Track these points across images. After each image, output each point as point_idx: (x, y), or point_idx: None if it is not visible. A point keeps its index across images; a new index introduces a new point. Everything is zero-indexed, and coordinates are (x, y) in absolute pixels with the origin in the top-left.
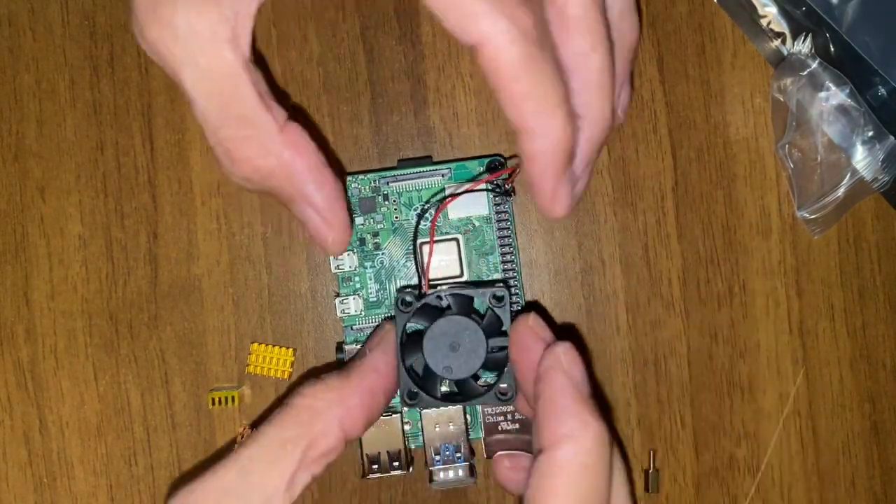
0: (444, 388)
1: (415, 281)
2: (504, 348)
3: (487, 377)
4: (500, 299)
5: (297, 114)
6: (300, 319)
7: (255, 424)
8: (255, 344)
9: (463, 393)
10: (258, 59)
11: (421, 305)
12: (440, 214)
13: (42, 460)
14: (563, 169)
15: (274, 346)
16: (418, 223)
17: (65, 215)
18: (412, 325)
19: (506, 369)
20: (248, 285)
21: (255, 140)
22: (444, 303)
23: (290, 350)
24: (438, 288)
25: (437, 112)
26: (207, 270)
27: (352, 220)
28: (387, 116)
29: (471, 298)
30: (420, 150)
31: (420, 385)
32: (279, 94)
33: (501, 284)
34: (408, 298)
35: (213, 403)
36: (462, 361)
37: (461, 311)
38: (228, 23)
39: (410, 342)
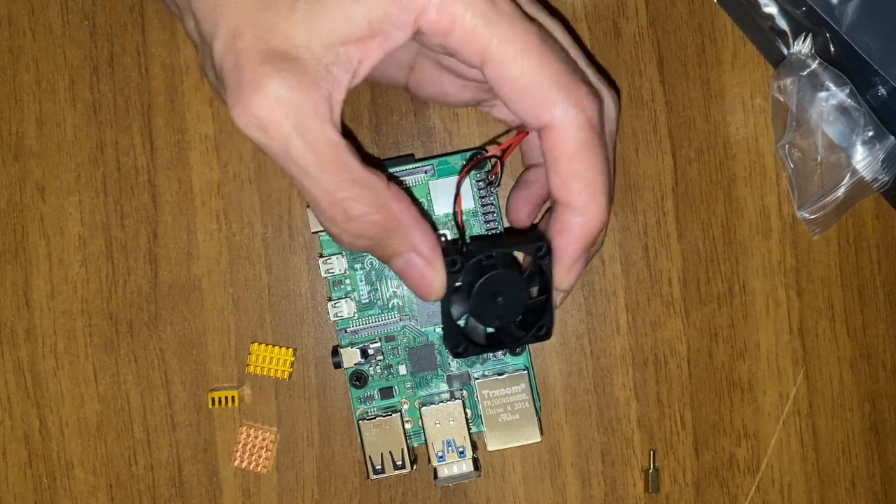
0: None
1: None
2: (543, 294)
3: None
4: (542, 255)
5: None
6: (300, 319)
7: (255, 424)
8: (255, 344)
9: (504, 339)
10: (346, 133)
11: (468, 264)
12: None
13: (42, 460)
14: (588, 247)
15: (274, 346)
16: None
17: (65, 215)
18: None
19: (546, 312)
20: (248, 285)
21: (369, 197)
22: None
23: (290, 350)
24: (480, 245)
25: (437, 112)
26: (207, 270)
27: None
28: (387, 116)
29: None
30: (420, 149)
31: (465, 336)
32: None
33: (541, 239)
34: (456, 261)
35: (213, 403)
36: (506, 311)
37: (503, 265)
38: (327, 101)
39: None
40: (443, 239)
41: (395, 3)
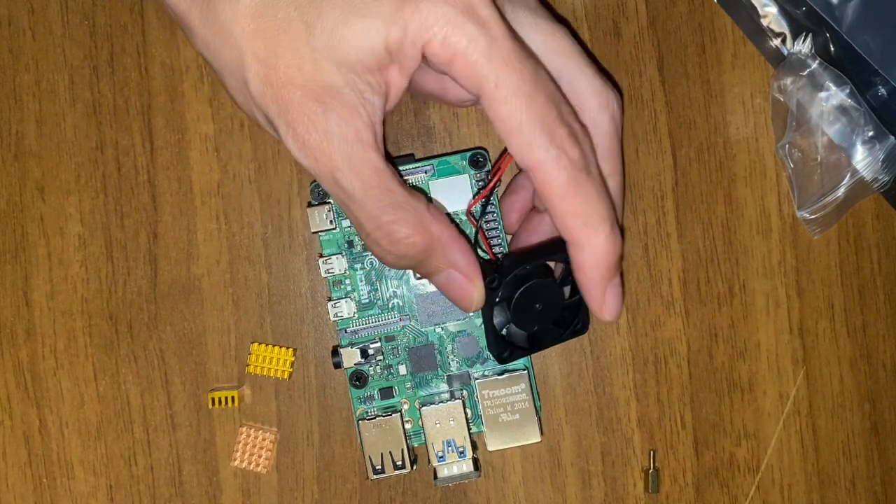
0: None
1: (406, 278)
2: (576, 294)
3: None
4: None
5: None
6: (300, 319)
7: (255, 425)
8: (255, 344)
9: (545, 338)
10: (388, 157)
11: (506, 281)
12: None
13: (42, 460)
14: (608, 277)
15: (274, 346)
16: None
17: (64, 215)
18: None
19: (581, 310)
20: (248, 285)
21: (411, 220)
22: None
23: (290, 350)
24: (513, 260)
25: (437, 112)
26: (207, 270)
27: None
28: (387, 116)
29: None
30: (420, 149)
31: (507, 342)
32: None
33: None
34: (494, 279)
35: (213, 403)
36: (544, 315)
37: (537, 274)
38: (369, 128)
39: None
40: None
41: (405, 33)
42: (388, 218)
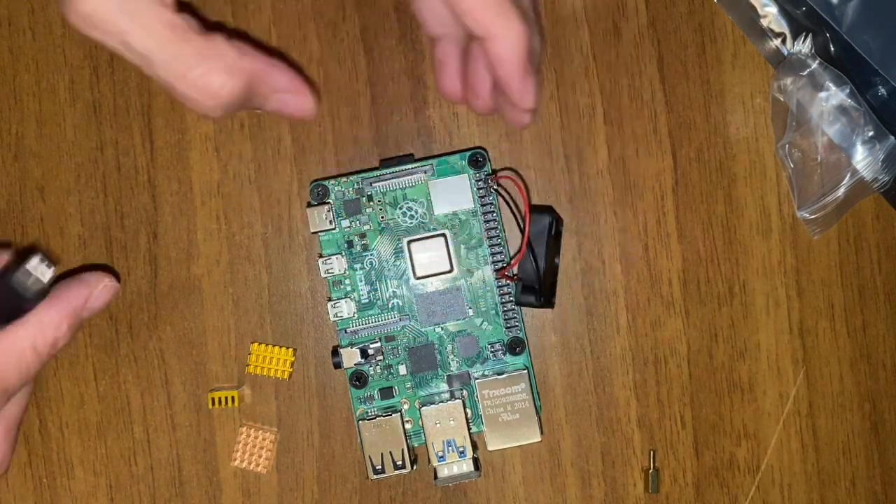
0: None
1: (406, 278)
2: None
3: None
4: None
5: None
6: (300, 319)
7: (255, 424)
8: (255, 344)
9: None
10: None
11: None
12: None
13: (42, 460)
14: (526, 64)
15: (274, 346)
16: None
17: (65, 215)
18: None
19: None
20: (248, 285)
21: (222, 66)
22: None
23: (290, 350)
24: (525, 265)
25: (437, 112)
26: (207, 270)
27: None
28: (387, 116)
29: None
30: (420, 149)
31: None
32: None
33: (551, 211)
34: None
35: (213, 403)
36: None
37: (548, 253)
38: None
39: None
40: (498, 265)
41: None
42: (197, 72)
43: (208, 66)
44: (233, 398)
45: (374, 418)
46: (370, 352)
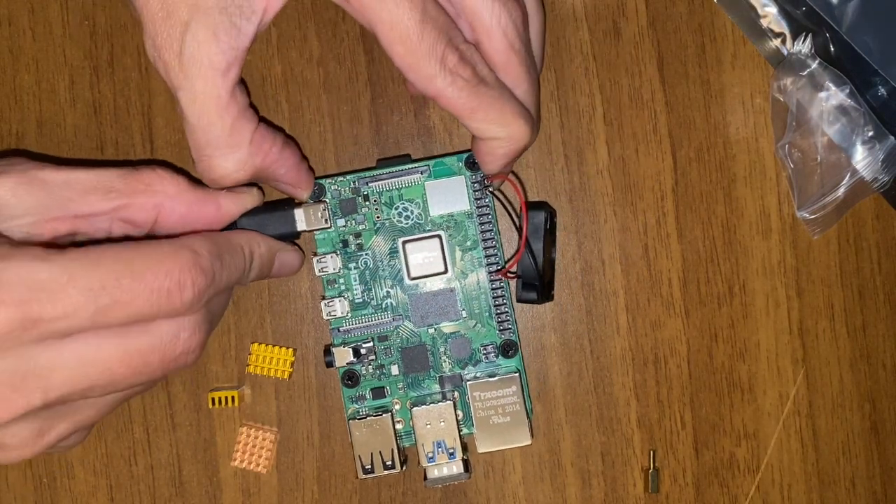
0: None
1: (400, 278)
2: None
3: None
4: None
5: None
6: (300, 319)
7: (254, 424)
8: (255, 344)
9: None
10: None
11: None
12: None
13: (42, 460)
14: (512, 158)
15: (274, 346)
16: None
17: None
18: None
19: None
20: (248, 285)
21: (234, 158)
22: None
23: (290, 350)
24: (525, 263)
25: (437, 112)
26: None
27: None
28: (387, 116)
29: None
30: (420, 149)
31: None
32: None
33: (545, 207)
34: (535, 286)
35: (213, 403)
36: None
37: (546, 248)
38: (224, 55)
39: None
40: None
41: None
42: (208, 153)
43: (222, 153)
44: (233, 398)
45: (365, 418)
46: (363, 351)
